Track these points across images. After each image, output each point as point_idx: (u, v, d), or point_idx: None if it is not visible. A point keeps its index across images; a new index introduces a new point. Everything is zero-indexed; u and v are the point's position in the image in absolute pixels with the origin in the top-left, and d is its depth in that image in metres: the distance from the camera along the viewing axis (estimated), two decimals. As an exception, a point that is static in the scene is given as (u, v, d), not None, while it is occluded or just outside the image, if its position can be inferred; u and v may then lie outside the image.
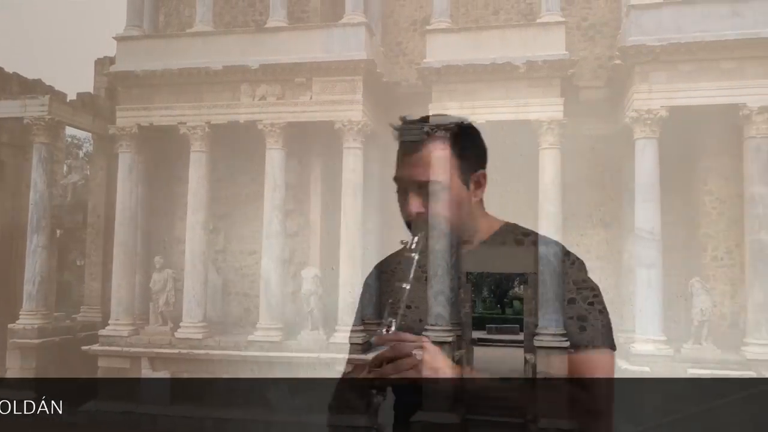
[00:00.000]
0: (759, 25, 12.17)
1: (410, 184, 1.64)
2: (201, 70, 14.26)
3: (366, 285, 1.73)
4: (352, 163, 13.94)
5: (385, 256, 1.63)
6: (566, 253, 1.59)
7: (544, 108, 12.50)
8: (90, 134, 18.83)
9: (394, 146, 1.63)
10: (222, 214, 15.72)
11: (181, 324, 14.38)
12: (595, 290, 1.56)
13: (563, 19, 13.39)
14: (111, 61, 16.22)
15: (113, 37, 15.16)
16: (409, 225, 1.63)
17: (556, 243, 1.60)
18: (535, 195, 12.44)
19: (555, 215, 11.88)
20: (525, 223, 1.68)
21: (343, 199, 13.90)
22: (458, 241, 1.64)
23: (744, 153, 12.37)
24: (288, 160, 14.46)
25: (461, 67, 13.31)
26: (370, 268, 1.74)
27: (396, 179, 1.68)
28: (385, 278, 1.67)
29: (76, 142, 29.53)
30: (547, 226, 11.78)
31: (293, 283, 14.83)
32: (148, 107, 14.77)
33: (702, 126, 12.97)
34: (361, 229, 13.91)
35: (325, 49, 14.00)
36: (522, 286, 1.56)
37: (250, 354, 13.72)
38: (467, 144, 1.68)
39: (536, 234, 1.66)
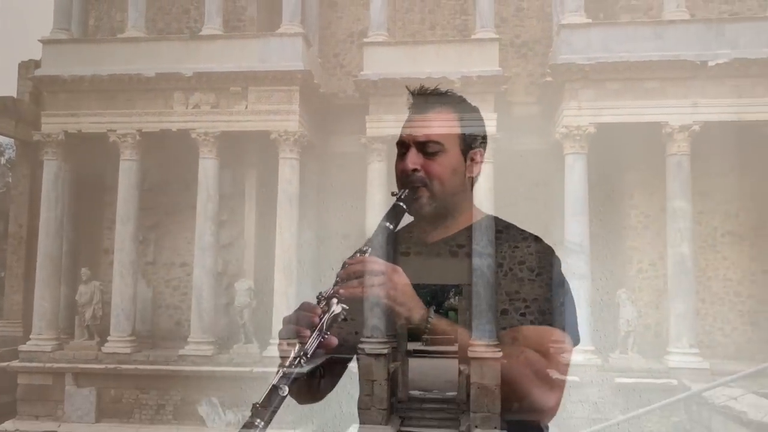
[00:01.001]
0: (680, 47, 12.76)
1: (411, 144, 1.67)
2: (132, 76, 13.91)
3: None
4: (288, 173, 13.84)
5: (320, 269, 1.61)
6: (546, 250, 1.63)
7: (478, 122, 12.77)
8: (12, 140, 18.05)
9: (330, 157, 1.64)
10: (153, 225, 15.33)
11: (108, 338, 13.90)
12: (536, 300, 1.59)
13: (497, 36, 13.72)
14: (36, 64, 15.61)
15: (39, 40, 14.61)
16: (403, 187, 1.66)
17: (490, 255, 1.62)
18: (469, 207, 12.56)
19: (489, 228, 12.08)
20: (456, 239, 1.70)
21: (279, 210, 13.78)
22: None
23: (666, 169, 12.92)
24: (222, 169, 14.25)
25: (398, 80, 13.44)
26: (305, 281, 1.73)
27: (398, 142, 1.70)
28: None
29: (-3, 148, 28.27)
30: (480, 237, 11.97)
31: (226, 295, 14.58)
32: (76, 113, 14.29)
33: (628, 142, 13.49)
34: (296, 241, 13.81)
35: (261, 59, 13.89)
36: (457, 297, 1.57)
37: (181, 368, 13.38)
38: (473, 121, 1.74)
39: (514, 227, 1.70)
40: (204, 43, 14.20)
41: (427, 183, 1.64)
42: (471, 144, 1.70)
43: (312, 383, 1.57)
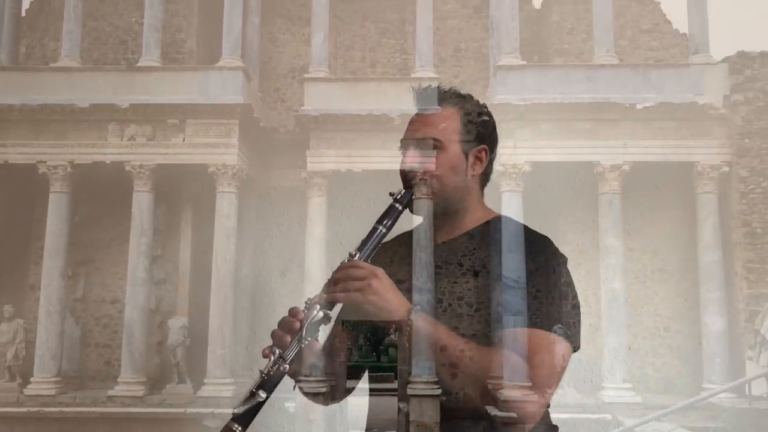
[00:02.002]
0: (610, 90, 13.31)
1: (411, 142, 1.67)
2: (65, 107, 13.52)
3: None
4: (226, 207, 13.64)
5: (258, 306, 1.57)
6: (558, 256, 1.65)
7: (417, 160, 12.93)
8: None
9: (269, 191, 1.62)
10: (82, 260, 14.79)
11: (31, 379, 13.21)
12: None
13: (436, 76, 14.01)
14: (-39, 92, 15.01)
15: (-35, 68, 14.11)
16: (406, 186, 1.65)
17: (429, 290, 1.61)
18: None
19: (428, 264, 12.16)
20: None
21: (216, 245, 13.52)
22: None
23: (599, 207, 13.34)
24: (157, 203, 13.93)
25: (339, 116, 13.52)
26: (242, 318, 1.69)
27: (402, 140, 1.71)
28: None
29: None
30: (420, 272, 12.03)
31: (159, 333, 14.13)
32: (3, 144, 13.77)
33: (562, 181, 13.88)
34: (233, 277, 13.55)
35: (200, 92, 13.74)
36: (397, 334, 1.55)
37: (110, 410, 12.81)
38: (475, 118, 1.72)
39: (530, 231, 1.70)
40: (141, 74, 13.98)
41: (424, 182, 1.63)
42: (474, 141, 1.69)
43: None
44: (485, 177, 1.74)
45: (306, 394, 1.56)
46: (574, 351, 1.59)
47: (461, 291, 1.63)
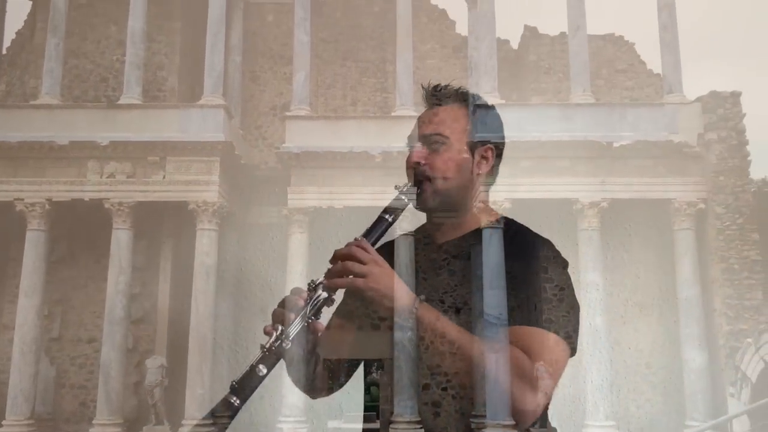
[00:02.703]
0: (587, 128, 13.54)
1: (418, 138, 1.66)
2: (44, 144, 13.44)
3: None
4: (206, 245, 13.54)
5: (238, 344, 1.55)
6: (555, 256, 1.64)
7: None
8: None
9: (250, 228, 1.63)
10: (59, 298, 14.54)
11: (3, 422, 12.84)
12: None
13: (416, 114, 14.15)
14: (-61, 129, 14.88)
15: (-56, 105, 14.02)
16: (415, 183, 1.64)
17: (411, 328, 1.61)
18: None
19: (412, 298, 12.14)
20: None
21: (195, 283, 13.38)
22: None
23: (579, 243, 13.44)
24: (136, 240, 13.79)
25: (320, 153, 13.57)
26: (221, 357, 1.67)
27: (409, 137, 1.69)
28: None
29: None
30: (401, 308, 11.99)
31: (137, 373, 13.86)
32: (-21, 181, 13.62)
33: (542, 217, 13.96)
34: (212, 315, 13.39)
35: (181, 129, 13.76)
36: (379, 372, 1.54)
37: (84, 453, 12.48)
38: (483, 117, 1.74)
39: (530, 232, 1.72)
40: (122, 112, 13.98)
41: (430, 177, 1.63)
42: (480, 141, 1.70)
43: (308, 372, 1.54)
44: (491, 178, 1.75)
45: (296, 383, 1.54)
46: (573, 353, 1.60)
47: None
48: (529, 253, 1.63)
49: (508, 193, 13.12)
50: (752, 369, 11.71)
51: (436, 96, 1.71)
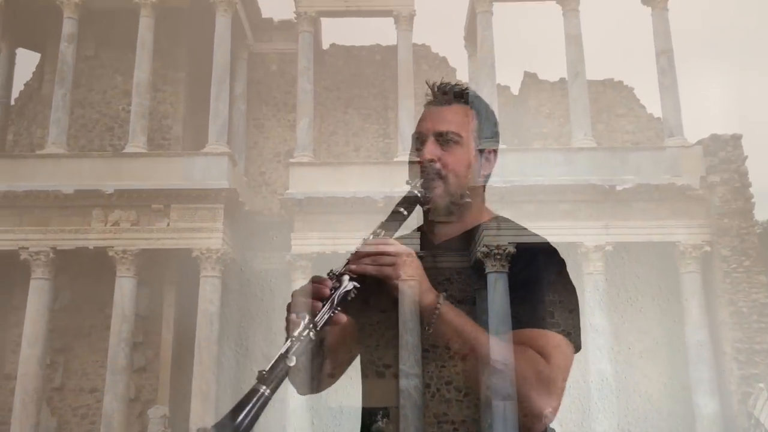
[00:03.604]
0: (589, 172, 13.59)
1: (429, 135, 1.65)
2: (50, 193, 13.54)
3: None
4: (209, 292, 13.49)
5: (241, 393, 1.53)
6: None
7: (402, 242, 12.95)
8: None
9: (253, 274, 1.62)
10: (61, 347, 14.42)
11: (1, 475, 12.63)
12: None
13: (417, 159, 14.23)
14: (-54, 179, 15.01)
15: (-48, 155, 14.18)
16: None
17: (417, 375, 1.59)
18: (395, 325, 12.46)
19: (415, 347, 11.98)
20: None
21: (198, 331, 13.28)
22: None
23: (584, 287, 13.33)
24: (139, 288, 13.74)
25: (323, 199, 13.63)
26: (224, 406, 1.63)
27: (415, 133, 1.69)
28: None
29: None
30: (407, 357, 11.84)
31: (139, 423, 13.64)
32: (-15, 230, 13.67)
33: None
34: (216, 363, 13.24)
35: (185, 177, 13.86)
36: (384, 420, 1.51)
37: (83, 507, 12.20)
38: (489, 120, 1.73)
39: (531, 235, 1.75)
40: (127, 160, 14.11)
41: (443, 175, 1.63)
42: (486, 141, 1.71)
43: (313, 366, 1.52)
44: (488, 179, 1.77)
45: (294, 377, 1.49)
46: (577, 350, 1.61)
47: (448, 375, 1.61)
48: (530, 255, 1.64)
49: (512, 237, 13.10)
50: (765, 415, 11.48)
51: (448, 93, 1.70)
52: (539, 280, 1.60)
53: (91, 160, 14.37)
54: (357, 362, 1.67)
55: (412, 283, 1.64)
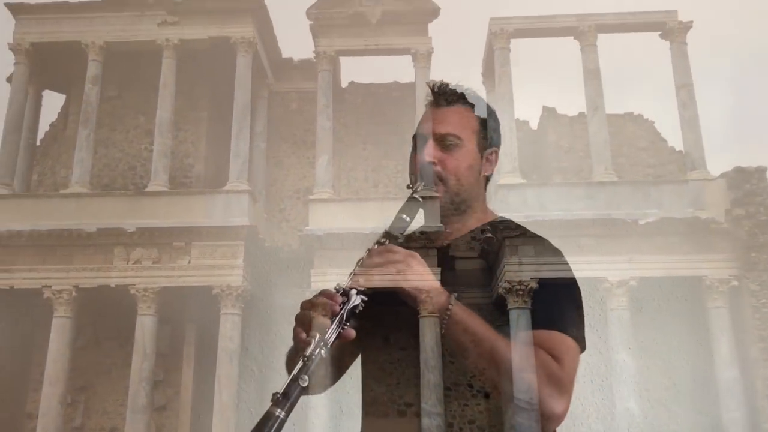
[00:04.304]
0: (611, 207, 13.47)
1: (429, 136, 1.64)
2: (73, 231, 13.69)
3: None
4: (229, 329, 13.45)
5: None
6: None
7: (422, 276, 12.87)
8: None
9: (273, 311, 1.60)
10: (82, 386, 14.42)
11: None
12: None
13: (437, 194, 14.20)
14: (-28, 219, 15.26)
15: (-22, 195, 14.42)
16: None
17: (439, 414, 1.54)
18: (415, 363, 12.31)
19: (437, 385, 11.78)
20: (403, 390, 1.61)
21: (218, 369, 13.21)
22: None
23: (608, 323, 13.10)
24: (160, 326, 13.75)
25: (342, 235, 13.61)
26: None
27: (415, 135, 1.68)
28: None
29: None
30: (429, 395, 11.64)
31: (157, 463, 13.52)
32: (9, 269, 13.81)
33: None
34: (236, 402, 13.13)
35: (206, 215, 13.96)
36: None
37: None
38: (490, 121, 1.72)
39: (531, 235, 1.77)
40: (149, 199, 14.26)
41: (443, 177, 1.64)
42: (487, 142, 1.70)
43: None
44: (489, 179, 1.77)
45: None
46: (582, 350, 1.61)
47: (471, 414, 1.56)
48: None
49: (535, 272, 12.94)
50: (800, 455, 11.09)
51: (448, 95, 1.69)
52: (546, 283, 1.59)
53: (114, 199, 14.54)
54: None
55: (433, 319, 1.60)
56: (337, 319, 1.41)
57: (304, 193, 16.30)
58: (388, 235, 1.57)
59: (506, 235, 1.79)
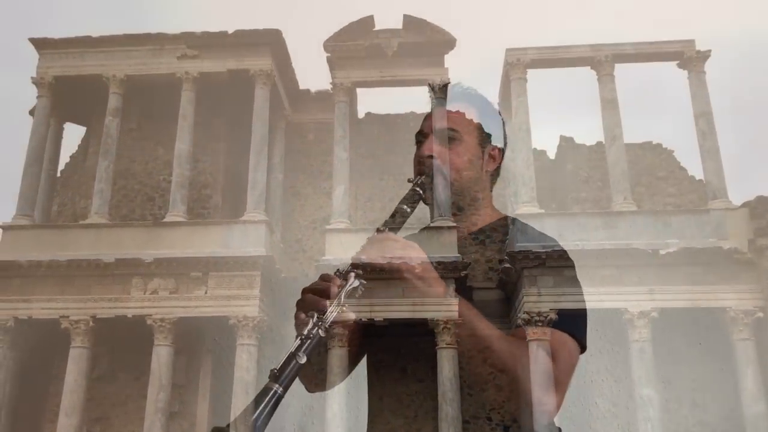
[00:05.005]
0: (631, 236, 13.31)
1: (429, 132, 1.68)
2: (91, 262, 13.77)
3: None
4: (245, 360, 13.37)
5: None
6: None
7: (440, 307, 12.70)
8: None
9: (289, 342, 1.57)
10: (98, 417, 14.35)
11: None
12: None
13: (454, 224, 14.10)
14: (-6, 249, 15.43)
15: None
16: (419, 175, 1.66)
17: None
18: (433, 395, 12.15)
19: (455, 418, 11.55)
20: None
21: (234, 400, 13.10)
22: None
23: (630, 356, 12.84)
24: (176, 357, 13.70)
25: (359, 265, 13.55)
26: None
27: (418, 132, 1.72)
28: None
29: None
30: (447, 428, 11.42)
31: (172, 496, 13.35)
32: (28, 299, 13.89)
33: (590, 329, 13.50)
34: (251, 434, 12.97)
35: (224, 245, 13.99)
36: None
37: None
38: (491, 118, 1.74)
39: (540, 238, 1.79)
40: (167, 229, 14.33)
41: (442, 171, 1.68)
42: (488, 139, 1.71)
43: (311, 367, 1.54)
44: (494, 178, 1.78)
45: (303, 375, 1.48)
46: (582, 351, 1.65)
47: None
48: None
49: (554, 303, 12.75)
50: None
51: (449, 93, 1.74)
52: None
53: (132, 230, 14.63)
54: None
55: (451, 351, 1.56)
56: (335, 300, 1.45)
57: (320, 224, 16.31)
58: (387, 223, 1.63)
59: (525, 265, 1.78)
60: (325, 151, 16.90)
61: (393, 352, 1.55)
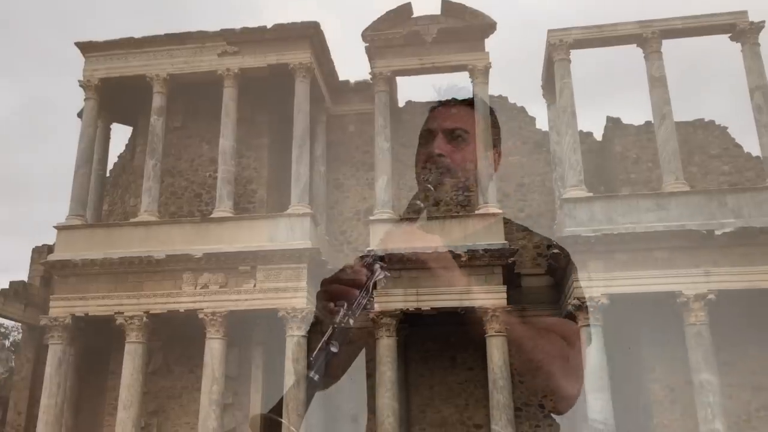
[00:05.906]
0: (683, 218, 12.90)
1: (438, 131, 1.74)
2: (143, 259, 14.06)
3: None
4: (295, 351, 13.47)
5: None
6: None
7: (488, 295, 12.56)
8: (19, 324, 17.91)
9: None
10: (155, 410, 14.69)
11: None
12: None
13: (500, 211, 13.93)
14: (49, 249, 15.89)
15: (54, 227, 14.99)
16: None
17: None
18: (484, 383, 12.03)
19: (506, 406, 11.42)
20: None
21: (286, 391, 13.20)
22: None
23: (687, 340, 12.47)
24: (228, 349, 13.90)
25: (404, 254, 13.46)
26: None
27: (425, 131, 1.77)
28: None
29: (2, 330, 28.03)
30: (498, 416, 11.30)
31: (228, 486, 13.58)
32: (84, 296, 14.27)
33: (644, 313, 13.19)
34: (305, 424, 13.08)
35: (270, 239, 14.09)
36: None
37: None
38: (492, 123, 1.86)
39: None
40: (214, 225, 14.51)
41: (451, 169, 1.67)
42: (491, 142, 1.78)
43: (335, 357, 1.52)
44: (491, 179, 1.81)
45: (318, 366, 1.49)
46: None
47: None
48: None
49: (605, 288, 12.48)
50: None
51: (454, 95, 1.81)
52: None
53: (181, 226, 14.85)
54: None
55: (500, 338, 1.49)
56: (363, 290, 1.46)
57: (364, 215, 16.29)
58: (404, 216, 1.59)
59: (573, 250, 1.71)
60: (366, 141, 16.86)
61: (442, 342, 1.51)
